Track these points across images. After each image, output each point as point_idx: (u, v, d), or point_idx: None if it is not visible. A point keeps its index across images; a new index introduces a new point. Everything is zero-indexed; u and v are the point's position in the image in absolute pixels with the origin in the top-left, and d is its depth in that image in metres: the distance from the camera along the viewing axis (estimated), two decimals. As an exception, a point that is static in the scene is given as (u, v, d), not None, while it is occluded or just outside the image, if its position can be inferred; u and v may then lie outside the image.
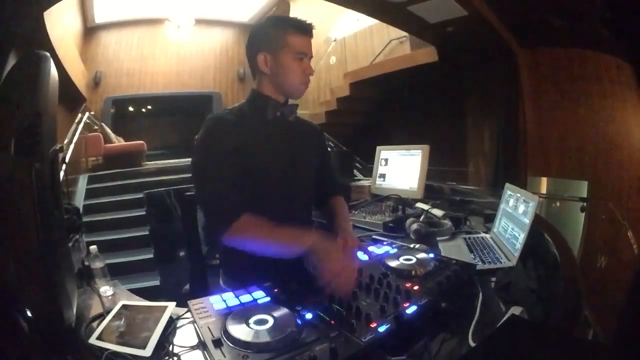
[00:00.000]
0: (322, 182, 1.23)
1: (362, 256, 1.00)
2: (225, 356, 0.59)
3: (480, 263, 1.06)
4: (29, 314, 0.69)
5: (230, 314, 0.70)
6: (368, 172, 2.61)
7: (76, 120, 5.19)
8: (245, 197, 0.97)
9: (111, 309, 0.84)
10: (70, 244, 1.09)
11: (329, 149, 1.38)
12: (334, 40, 6.28)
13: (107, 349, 0.69)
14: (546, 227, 1.45)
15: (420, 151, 1.76)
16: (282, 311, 0.70)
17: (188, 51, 7.82)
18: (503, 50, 3.32)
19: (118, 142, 6.31)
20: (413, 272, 0.86)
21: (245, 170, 0.99)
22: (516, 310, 0.77)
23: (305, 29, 1.03)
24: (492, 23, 2.99)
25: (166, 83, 7.73)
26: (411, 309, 0.71)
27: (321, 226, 1.33)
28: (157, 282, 3.05)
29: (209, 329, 0.67)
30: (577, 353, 0.63)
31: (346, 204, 1.28)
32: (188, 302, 0.78)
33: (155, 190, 1.53)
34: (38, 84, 0.70)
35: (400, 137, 4.78)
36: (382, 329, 0.65)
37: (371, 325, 0.66)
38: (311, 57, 1.06)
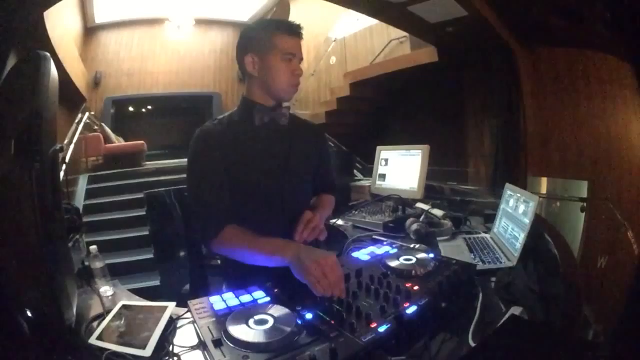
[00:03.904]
0: (317, 180, 1.22)
1: (363, 256, 1.00)
2: (225, 356, 0.60)
3: (480, 263, 1.06)
4: (29, 314, 0.69)
5: (230, 314, 0.70)
6: (368, 172, 2.61)
7: (76, 120, 5.19)
8: (231, 207, 1.00)
9: (111, 309, 0.84)
10: (70, 244, 1.09)
11: (329, 150, 1.36)
12: (334, 40, 6.27)
13: (107, 349, 0.69)
14: (546, 227, 1.45)
15: (420, 151, 1.76)
16: (282, 311, 0.70)
17: (188, 51, 7.82)
18: (503, 50, 3.32)
19: (118, 142, 6.31)
20: (413, 272, 0.86)
21: (233, 179, 1.02)
22: (516, 310, 0.77)
23: (292, 30, 1.02)
24: (492, 23, 2.99)
25: (166, 83, 7.74)
26: (411, 309, 0.71)
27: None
28: (157, 282, 3.05)
29: (209, 329, 0.67)
30: (577, 353, 0.63)
31: (333, 202, 1.25)
32: (188, 302, 0.78)
33: (155, 190, 1.52)
34: (38, 84, 0.70)
35: (400, 137, 4.79)
36: (382, 329, 0.65)
37: (371, 325, 0.66)
38: (301, 58, 1.05)
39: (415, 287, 0.80)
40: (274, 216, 1.07)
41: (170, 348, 0.70)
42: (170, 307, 0.82)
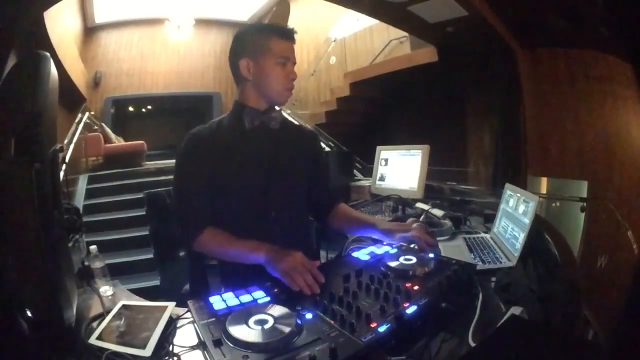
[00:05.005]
0: (317, 195, 1.19)
1: (363, 256, 1.00)
2: (225, 356, 0.59)
3: (480, 263, 1.06)
4: (29, 314, 0.69)
5: (230, 314, 0.70)
6: (368, 172, 2.60)
7: (76, 120, 5.19)
8: (211, 210, 1.03)
9: (111, 309, 0.84)
10: (70, 244, 1.09)
11: (325, 156, 1.38)
12: (334, 40, 6.27)
13: (107, 349, 0.69)
14: (546, 227, 1.45)
15: (420, 151, 1.76)
16: (282, 311, 0.70)
17: (188, 51, 7.82)
18: (503, 50, 3.32)
19: (118, 142, 6.31)
20: (413, 272, 0.86)
21: (219, 183, 1.03)
22: (516, 310, 0.77)
23: (287, 34, 1.03)
24: (492, 23, 2.99)
25: (166, 83, 7.73)
26: (411, 309, 0.71)
27: (321, 231, 1.32)
28: (157, 282, 3.06)
29: (209, 329, 0.67)
30: (577, 353, 0.63)
31: None
32: (188, 302, 0.78)
33: (155, 190, 1.53)
34: (38, 84, 0.70)
35: (400, 137, 4.78)
36: (382, 329, 0.65)
37: (371, 325, 0.65)
38: (294, 62, 1.05)
39: (415, 287, 0.80)
40: (260, 220, 1.07)
41: (170, 348, 0.70)
42: (170, 307, 0.82)
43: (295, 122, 1.25)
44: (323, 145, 4.52)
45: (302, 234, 1.18)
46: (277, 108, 1.12)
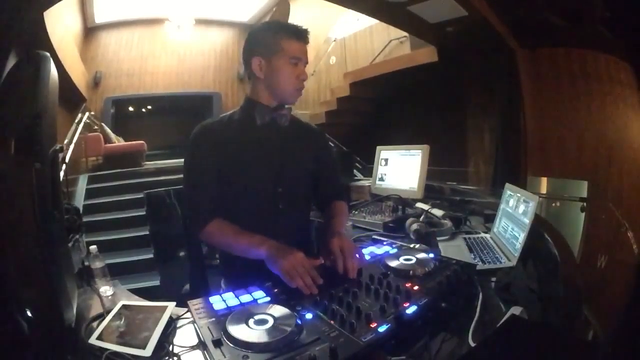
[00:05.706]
0: (322, 186, 1.21)
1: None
2: (225, 356, 0.60)
3: (480, 263, 1.06)
4: (29, 314, 0.69)
5: (230, 314, 0.70)
6: (368, 172, 2.60)
7: (76, 120, 5.18)
8: (219, 202, 1.04)
9: (111, 309, 0.84)
10: (70, 244, 1.09)
11: (332, 152, 1.37)
12: (334, 40, 6.27)
13: (107, 349, 0.69)
14: (546, 227, 1.45)
15: (420, 151, 1.75)
16: (282, 311, 0.70)
17: (188, 51, 7.82)
18: (503, 50, 3.32)
19: (118, 142, 6.31)
20: (413, 272, 0.86)
21: (226, 177, 1.05)
22: (516, 310, 0.77)
23: (300, 35, 1.04)
24: (492, 23, 2.99)
25: (166, 83, 7.73)
26: (411, 309, 0.71)
27: (320, 228, 1.32)
28: (157, 282, 3.06)
29: (209, 329, 0.67)
30: (577, 353, 0.63)
31: (347, 209, 1.24)
32: (188, 302, 0.78)
33: (155, 190, 1.53)
34: (38, 84, 0.70)
35: (400, 137, 4.78)
36: (382, 329, 0.65)
37: (371, 325, 0.66)
38: (306, 62, 1.07)
39: (415, 287, 0.80)
40: (267, 215, 1.08)
41: (170, 348, 0.70)
42: (170, 307, 0.82)
43: (303, 121, 1.25)
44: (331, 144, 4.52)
45: (305, 229, 1.19)
46: (287, 105, 1.12)
